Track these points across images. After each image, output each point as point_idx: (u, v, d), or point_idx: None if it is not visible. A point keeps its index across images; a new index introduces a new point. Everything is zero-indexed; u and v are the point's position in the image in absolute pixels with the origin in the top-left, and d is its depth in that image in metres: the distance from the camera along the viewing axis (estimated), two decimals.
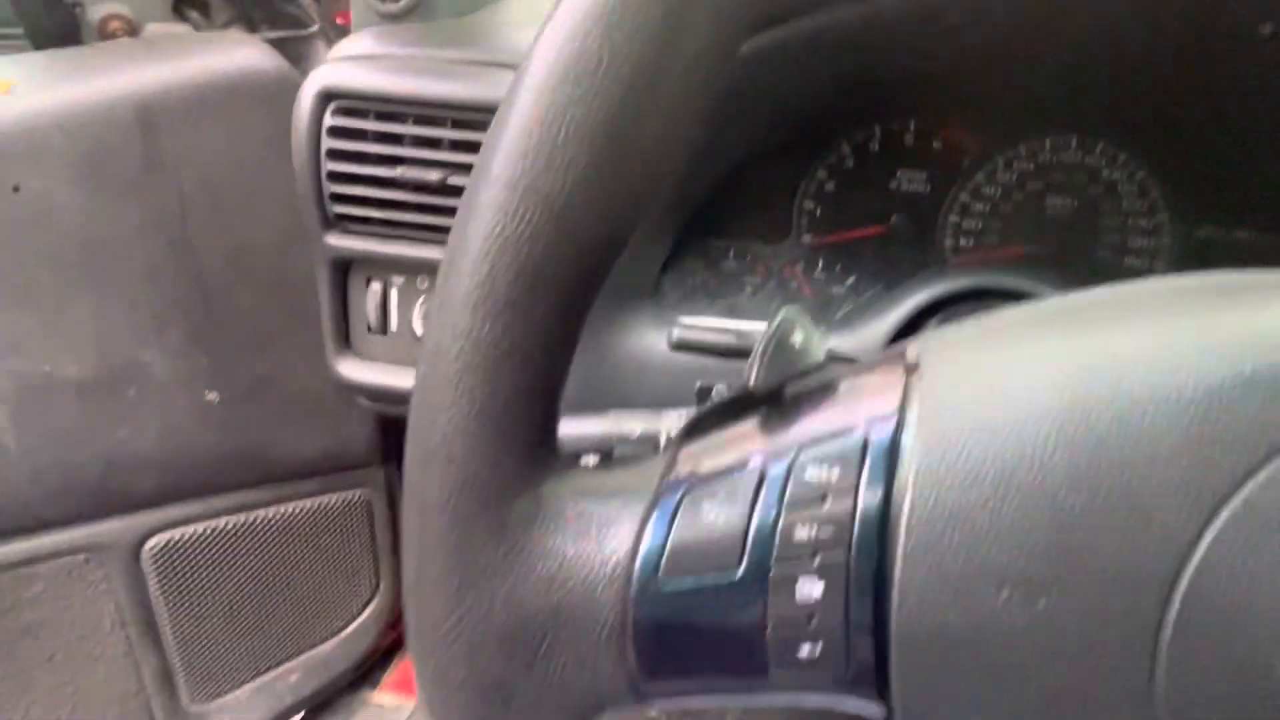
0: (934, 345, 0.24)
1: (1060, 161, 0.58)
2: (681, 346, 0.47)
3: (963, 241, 0.60)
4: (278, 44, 0.68)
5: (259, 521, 0.74)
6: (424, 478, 0.20)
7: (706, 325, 0.47)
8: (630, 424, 0.36)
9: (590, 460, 0.34)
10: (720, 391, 0.30)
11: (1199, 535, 0.18)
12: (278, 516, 0.75)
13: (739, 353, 0.46)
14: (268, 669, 0.79)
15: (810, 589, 0.19)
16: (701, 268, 0.60)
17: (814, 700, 0.20)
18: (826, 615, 0.19)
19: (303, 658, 0.80)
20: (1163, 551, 0.18)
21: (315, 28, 0.69)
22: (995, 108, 0.58)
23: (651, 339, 0.52)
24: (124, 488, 0.67)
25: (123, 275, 0.63)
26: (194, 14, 0.67)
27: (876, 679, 0.19)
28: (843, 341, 0.57)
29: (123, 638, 0.71)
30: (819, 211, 0.61)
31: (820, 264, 0.61)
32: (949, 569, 0.18)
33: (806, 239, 0.62)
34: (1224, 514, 0.18)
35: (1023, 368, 0.20)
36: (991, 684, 0.19)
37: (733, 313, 0.58)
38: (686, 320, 0.46)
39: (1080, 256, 0.59)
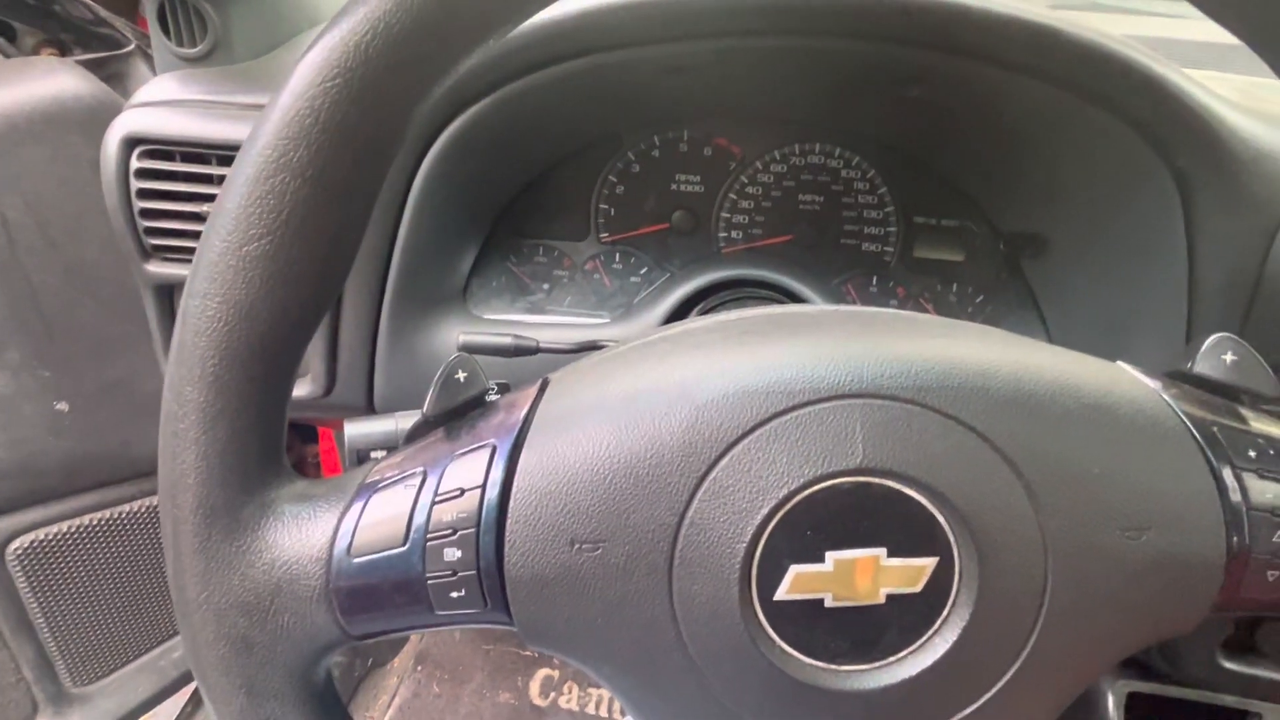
0: (564, 371, 0.33)
1: (807, 164, 0.69)
2: (467, 350, 0.55)
3: (733, 234, 0.70)
4: (94, 65, 0.70)
5: (124, 515, 0.79)
6: (172, 498, 0.28)
7: (488, 331, 0.55)
8: (406, 423, 0.45)
9: (379, 454, 0.42)
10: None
11: (691, 497, 0.28)
12: (142, 509, 0.80)
13: (518, 351, 0.55)
14: (149, 648, 0.85)
15: (453, 554, 0.29)
16: (506, 269, 0.68)
17: (470, 624, 0.30)
18: (465, 570, 0.29)
19: None
20: (670, 510, 0.28)
21: (131, 46, 0.71)
22: (752, 121, 0.68)
23: (456, 338, 0.60)
24: None
25: None
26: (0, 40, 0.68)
27: (504, 607, 0.29)
28: (630, 326, 0.67)
29: None
30: (613, 211, 0.70)
31: (617, 257, 0.71)
32: (539, 534, 0.28)
33: (604, 236, 0.71)
34: (704, 485, 0.28)
35: (596, 389, 0.30)
36: (572, 602, 0.29)
37: (531, 310, 0.67)
38: (466, 331, 0.54)
39: (829, 242, 0.70)
